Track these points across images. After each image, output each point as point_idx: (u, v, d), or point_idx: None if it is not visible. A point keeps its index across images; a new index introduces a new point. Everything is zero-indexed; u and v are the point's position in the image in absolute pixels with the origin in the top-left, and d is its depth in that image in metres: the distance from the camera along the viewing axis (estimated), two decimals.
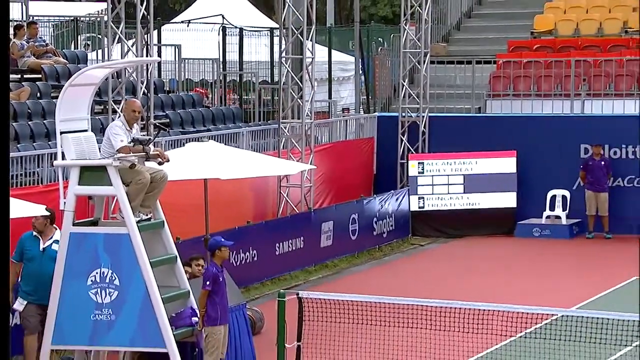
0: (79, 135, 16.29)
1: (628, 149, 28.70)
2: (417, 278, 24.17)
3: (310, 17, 25.53)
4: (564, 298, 21.11)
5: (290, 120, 25.99)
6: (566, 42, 32.16)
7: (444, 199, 29.29)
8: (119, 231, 15.97)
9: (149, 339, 15.84)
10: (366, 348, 17.21)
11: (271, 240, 23.99)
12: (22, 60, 25.51)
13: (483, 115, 30.83)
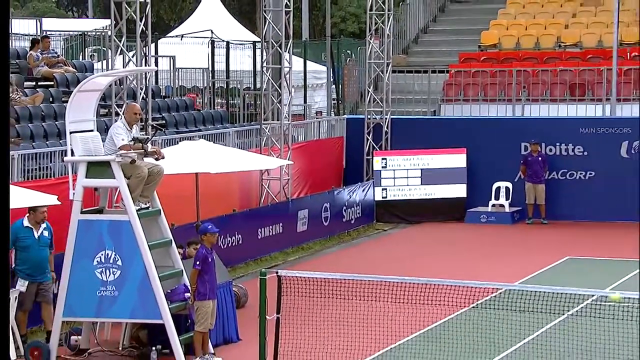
0: (86, 134, 16.34)
1: (562, 146, 28.85)
2: (381, 258, 24.19)
3: (287, 32, 25.55)
4: (507, 274, 21.14)
5: (270, 121, 25.98)
6: (508, 54, 32.27)
7: (404, 190, 29.35)
8: (121, 218, 16.04)
9: (148, 311, 15.89)
10: (337, 319, 17.22)
11: (254, 226, 24.00)
12: (37, 69, 25.55)
13: (437, 117, 30.90)
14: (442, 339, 16.82)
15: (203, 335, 16.11)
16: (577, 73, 30.33)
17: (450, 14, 36.33)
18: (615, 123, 28.72)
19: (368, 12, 29.80)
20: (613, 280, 21.20)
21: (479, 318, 17.63)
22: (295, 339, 16.20)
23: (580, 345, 16.20)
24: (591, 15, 33.44)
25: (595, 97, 29.88)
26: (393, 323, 16.96)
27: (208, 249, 16.26)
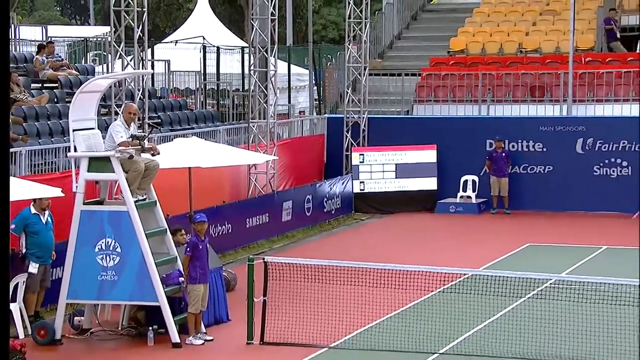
0: (87, 132, 16.37)
1: (523, 143, 28.92)
2: (359, 246, 24.23)
3: (273, 38, 25.56)
4: (473, 260, 21.22)
5: (257, 120, 25.97)
6: (475, 59, 32.32)
7: (380, 182, 29.39)
8: (120, 209, 16.06)
9: (145, 294, 15.92)
10: (318, 301, 17.25)
11: (242, 216, 23.99)
12: (43, 72, 25.52)
13: (410, 116, 30.94)
14: (413, 320, 16.86)
15: (196, 316, 16.14)
16: (537, 76, 30.46)
17: (421, 22, 36.37)
18: (572, 122, 28.84)
19: (347, 20, 29.82)
20: (569, 265, 21.29)
21: (447, 301, 17.70)
22: (280, 319, 16.24)
23: (540, 324, 16.29)
24: (549, 23, 33.53)
25: (553, 98, 29.97)
26: (369, 305, 17.01)
27: (199, 237, 16.29)
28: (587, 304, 16.76)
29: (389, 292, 17.15)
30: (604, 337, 15.52)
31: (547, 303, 17.25)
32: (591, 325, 16.11)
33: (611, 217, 27.39)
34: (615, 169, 28.23)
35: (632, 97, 29.32)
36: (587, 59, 30.85)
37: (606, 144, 28.27)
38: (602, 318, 16.35)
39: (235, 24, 51.01)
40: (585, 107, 29.56)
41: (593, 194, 28.21)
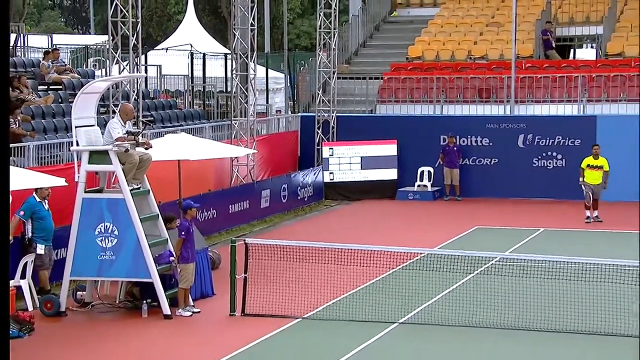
0: (88, 128, 16.31)
1: (472, 138, 29.02)
2: (329, 229, 24.25)
3: (252, 46, 25.53)
4: (429, 241, 21.26)
5: (239, 118, 25.93)
6: (430, 64, 32.37)
7: (347, 173, 29.41)
8: (117, 197, 15.99)
9: (140, 272, 15.88)
10: (293, 277, 17.26)
11: (226, 202, 23.96)
12: (48, 75, 25.40)
13: (374, 115, 30.95)
14: (376, 294, 16.89)
15: (185, 291, 16.12)
16: (484, 80, 30.54)
17: (383, 32, 36.39)
18: (514, 120, 28.95)
19: (318, 30, 29.82)
20: (512, 245, 21.38)
21: (407, 277, 17.71)
22: (259, 293, 16.22)
23: (487, 297, 16.33)
24: (494, 34, 33.62)
25: (498, 99, 30.08)
26: (338, 281, 17.01)
27: (189, 222, 16.27)
28: (528, 279, 16.88)
29: (355, 269, 17.16)
30: (542, 307, 15.61)
31: (493, 278, 17.32)
32: (531, 297, 16.21)
33: (548, 203, 27.55)
34: (552, 161, 28.36)
35: (566, 98, 29.47)
36: (527, 65, 30.96)
37: (544, 140, 28.41)
38: (540, 290, 16.47)
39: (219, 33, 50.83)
40: (525, 107, 29.70)
41: (532, 183, 28.36)
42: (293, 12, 56.18)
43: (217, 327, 15.42)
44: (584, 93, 29.27)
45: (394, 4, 37.25)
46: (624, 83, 29.10)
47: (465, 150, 28.87)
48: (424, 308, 15.97)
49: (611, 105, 28.93)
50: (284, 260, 17.32)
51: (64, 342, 14.63)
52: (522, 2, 33.66)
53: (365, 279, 17.59)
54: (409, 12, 37.08)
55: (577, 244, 21.48)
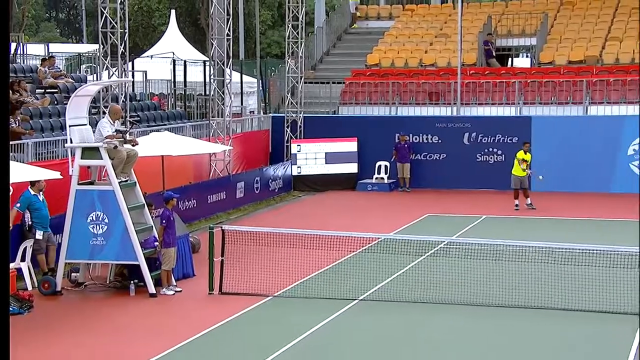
0: (81, 127, 16.22)
1: (423, 136, 29.06)
2: (297, 217, 24.22)
3: (228, 53, 25.44)
4: (385, 227, 21.29)
5: (216, 118, 25.84)
6: (386, 71, 32.38)
7: (313, 167, 29.34)
8: (107, 188, 15.90)
9: (128, 255, 15.80)
10: (265, 260, 17.23)
11: (205, 193, 23.84)
12: (45, 80, 25.15)
13: (337, 115, 30.92)
14: (339, 274, 16.89)
15: (168, 272, 16.06)
16: (433, 84, 30.59)
17: (345, 42, 36.35)
18: (460, 120, 29.03)
19: (287, 40, 29.72)
20: (458, 230, 21.46)
21: (366, 259, 17.77)
22: (234, 274, 16.17)
23: (436, 276, 16.39)
24: (443, 44, 33.69)
25: (446, 102, 30.14)
26: (305, 263, 16.98)
27: (170, 211, 16.21)
28: (472, 260, 16.95)
29: (320, 253, 17.15)
30: (484, 284, 15.67)
31: (441, 259, 17.39)
32: (474, 276, 16.27)
33: (489, 193, 27.67)
34: (493, 156, 28.48)
35: (505, 101, 29.61)
36: (471, 71, 31.07)
37: (486, 137, 28.52)
38: (483, 270, 16.53)
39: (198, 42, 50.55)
40: (470, 108, 29.80)
41: (476, 176, 28.46)
42: (264, 24, 56.01)
43: (197, 304, 15.34)
44: (520, 96, 29.42)
45: (354, 17, 37.24)
46: (555, 88, 29.29)
47: (417, 146, 28.91)
48: (381, 286, 15.98)
49: (544, 107, 29.11)
50: (257, 244, 17.28)
51: (60, 318, 14.51)
52: (467, 16, 33.83)
53: (330, 261, 17.59)
54: (368, 25, 37.07)
55: (515, 229, 21.59)
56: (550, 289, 15.18)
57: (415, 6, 37.87)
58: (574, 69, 30.21)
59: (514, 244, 16.85)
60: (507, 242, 16.80)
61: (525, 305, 14.61)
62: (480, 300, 14.91)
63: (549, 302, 14.66)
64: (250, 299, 15.27)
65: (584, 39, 32.21)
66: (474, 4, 38.75)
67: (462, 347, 12.76)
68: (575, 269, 15.98)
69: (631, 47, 30.85)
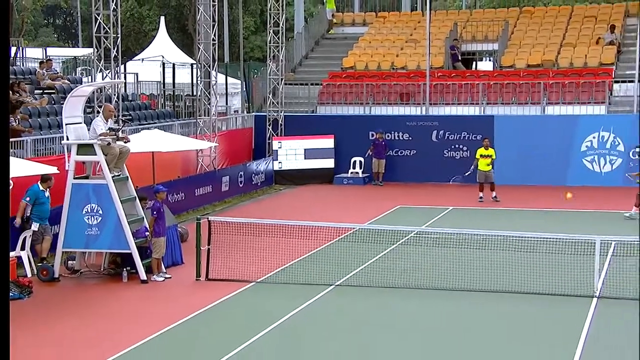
0: (76, 125, 16.12)
1: (395, 134, 29.08)
2: (278, 209, 24.16)
3: (214, 57, 25.36)
4: (360, 218, 21.30)
5: (203, 117, 25.75)
6: (361, 73, 32.34)
7: (293, 162, 29.29)
8: (101, 182, 15.80)
9: (121, 244, 15.72)
10: (248, 248, 17.16)
11: (192, 187, 23.73)
12: (43, 81, 24.94)
13: (315, 114, 30.86)
14: (318, 261, 16.86)
15: (158, 260, 15.98)
16: (404, 86, 30.60)
17: (323, 46, 36.28)
18: (428, 119, 29.07)
19: (268, 44, 29.62)
20: (427, 220, 21.49)
21: (342, 247, 17.75)
22: (220, 262, 16.13)
23: (407, 262, 16.41)
24: (413, 49, 33.69)
25: (416, 102, 30.16)
26: (285, 251, 16.99)
27: (160, 203, 16.14)
28: (440, 247, 16.99)
29: (299, 242, 17.15)
30: (452, 270, 15.71)
31: (412, 247, 17.41)
32: (443, 262, 16.31)
33: (456, 186, 27.76)
34: (459, 152, 28.55)
35: (470, 101, 29.66)
36: (439, 74, 31.10)
37: (452, 135, 28.58)
38: (451, 257, 16.58)
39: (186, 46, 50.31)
40: (438, 108, 29.84)
41: (444, 170, 28.53)
42: (248, 29, 55.84)
43: (185, 290, 15.27)
44: (483, 97, 29.50)
45: (331, 24, 37.17)
46: (515, 89, 29.40)
47: (390, 143, 28.93)
48: (356, 273, 15.98)
49: (505, 107, 29.20)
50: (241, 234, 17.24)
51: (57, 303, 14.41)
52: (434, 23, 33.87)
53: (308, 249, 17.56)
54: (343, 30, 37.01)
55: (479, 219, 21.66)
56: (511, 274, 15.24)
57: (387, 13, 37.90)
58: (533, 72, 30.34)
59: (478, 233, 16.91)
60: (472, 232, 16.86)
61: (489, 289, 14.66)
62: (447, 285, 14.94)
63: (510, 285, 14.72)
64: (234, 284, 15.22)
65: (541, 45, 32.35)
66: (441, 12, 38.82)
67: (430, 328, 12.78)
68: (534, 255, 16.07)
69: (584, 52, 31.07)
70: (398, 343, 11.98)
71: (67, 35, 77.50)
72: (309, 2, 56.01)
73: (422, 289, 14.80)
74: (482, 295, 14.42)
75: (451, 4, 54.69)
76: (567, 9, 35.60)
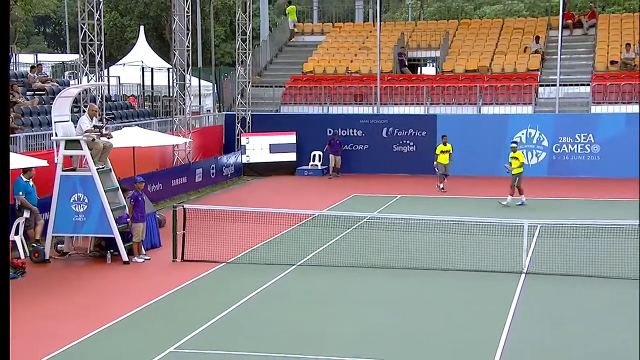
0: (64, 123, 15.97)
1: (350, 131, 29.12)
2: (247, 197, 24.10)
3: (188, 62, 25.22)
4: (319, 205, 21.31)
5: (178, 116, 25.62)
6: (320, 77, 32.31)
7: (259, 156, 29.21)
8: (87, 174, 15.68)
9: (105, 229, 15.61)
10: (219, 232, 17.11)
11: (169, 178, 23.60)
12: (34, 84, 24.54)
13: (279, 113, 30.80)
14: (282, 244, 16.88)
15: (138, 244, 15.90)
16: (358, 88, 30.64)
17: (285, 52, 36.18)
18: (379, 117, 29.18)
19: (237, 51, 29.52)
20: (379, 207, 21.59)
21: (303, 231, 17.78)
22: (194, 244, 16.06)
23: (361, 245, 16.50)
24: (365, 55, 33.76)
25: (368, 102, 30.26)
26: (252, 235, 16.98)
27: (139, 192, 16.04)
28: (389, 231, 17.10)
29: (265, 226, 17.15)
30: (400, 251, 15.84)
31: (365, 231, 17.50)
32: (393, 244, 16.42)
33: (403, 177, 27.91)
34: (406, 147, 28.72)
35: (415, 102, 29.83)
36: (388, 77, 31.22)
37: (400, 131, 28.74)
38: (398, 239, 16.70)
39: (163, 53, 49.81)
40: (387, 108, 29.96)
41: (393, 163, 28.67)
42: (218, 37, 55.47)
43: (163, 270, 15.20)
44: (427, 98, 29.69)
45: (293, 33, 37.09)
46: (455, 91, 29.64)
47: (345, 139, 28.98)
48: (315, 254, 16.02)
49: (446, 107, 29.43)
50: (212, 220, 17.20)
51: (48, 281, 14.27)
52: (384, 33, 33.97)
53: (273, 232, 17.57)
54: (304, 39, 36.94)
55: (424, 206, 21.83)
56: (450, 254, 15.40)
57: (342, 24, 37.91)
58: (470, 77, 30.61)
59: (422, 218, 17.05)
60: (417, 217, 16.99)
61: (430, 267, 14.80)
62: (394, 264, 15.06)
63: (448, 264, 14.88)
64: (207, 265, 15.18)
65: (477, 53, 32.65)
66: (390, 23, 38.98)
67: (378, 301, 12.88)
68: (470, 237, 16.25)
69: (513, 60, 31.45)
70: (351, 314, 12.06)
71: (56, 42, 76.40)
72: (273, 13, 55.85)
73: (375, 268, 14.89)
74: (425, 273, 14.56)
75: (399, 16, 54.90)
76: (499, 22, 36.03)
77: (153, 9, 54.75)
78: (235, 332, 11.25)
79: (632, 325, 11.34)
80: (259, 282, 13.85)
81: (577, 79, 29.79)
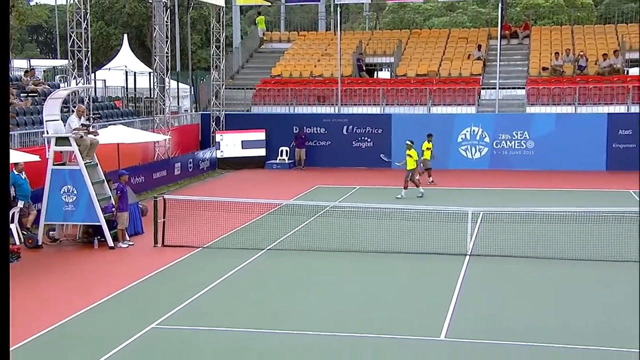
0: (55, 122, 15.76)
1: (314, 129, 29.06)
2: (221, 188, 23.95)
3: (167, 66, 24.99)
4: (286, 195, 21.29)
5: (159, 115, 25.38)
6: (287, 80, 32.17)
7: (232, 151, 29.03)
8: (75, 168, 15.48)
9: (92, 218, 15.43)
10: (195, 221, 17.02)
11: (150, 171, 23.34)
12: (28, 86, 24.18)
13: (250, 113, 30.61)
14: (252, 231, 16.81)
15: (122, 231, 15.74)
16: (321, 90, 30.59)
17: (256, 58, 35.98)
18: (341, 117, 29.18)
19: (212, 56, 29.27)
20: (340, 197, 21.59)
21: (272, 219, 17.73)
22: (173, 231, 15.94)
23: (325, 231, 16.51)
24: (327, 60, 33.69)
25: (330, 103, 30.22)
26: (226, 222, 16.90)
27: (123, 184, 15.87)
28: (349, 219, 17.13)
29: (237, 215, 17.07)
30: (361, 237, 15.88)
31: (328, 219, 17.51)
32: (353, 231, 16.46)
33: (361, 170, 27.96)
34: (364, 143, 28.78)
35: (372, 103, 29.90)
36: (348, 81, 31.22)
37: (359, 129, 28.78)
38: (358, 226, 16.73)
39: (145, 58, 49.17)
40: (347, 108, 29.97)
41: (353, 157, 28.71)
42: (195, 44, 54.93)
43: (145, 254, 15.05)
44: (383, 99, 29.78)
45: (262, 40, 36.92)
46: (407, 93, 29.76)
47: (310, 136, 28.94)
48: (283, 239, 16.00)
49: (400, 107, 29.55)
50: (190, 209, 17.07)
51: (41, 266, 14.06)
52: (344, 41, 33.96)
53: (245, 220, 17.50)
54: (272, 45, 36.77)
55: (380, 196, 21.91)
56: (401, 238, 15.49)
57: (306, 32, 37.82)
58: (420, 80, 30.76)
59: (378, 206, 17.10)
60: (374, 206, 17.04)
61: (384, 250, 14.87)
62: (353, 247, 15.10)
63: (400, 247, 14.96)
64: (185, 249, 15.07)
65: (426, 59, 32.83)
66: (349, 32, 39.00)
67: (342, 281, 12.90)
68: (420, 223, 16.35)
69: (459, 65, 31.71)
70: (315, 292, 12.07)
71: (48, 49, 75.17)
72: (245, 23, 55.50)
73: (337, 252, 14.91)
74: (380, 256, 14.62)
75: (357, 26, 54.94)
76: (445, 32, 36.32)
77: (136, 19, 54.13)
78: (211, 310, 11.19)
79: (567, 300, 11.53)
80: (232, 264, 13.78)
81: (514, 83, 30.16)
